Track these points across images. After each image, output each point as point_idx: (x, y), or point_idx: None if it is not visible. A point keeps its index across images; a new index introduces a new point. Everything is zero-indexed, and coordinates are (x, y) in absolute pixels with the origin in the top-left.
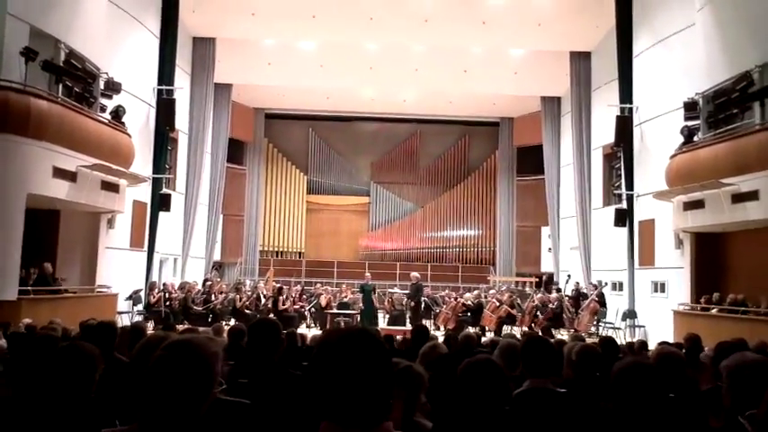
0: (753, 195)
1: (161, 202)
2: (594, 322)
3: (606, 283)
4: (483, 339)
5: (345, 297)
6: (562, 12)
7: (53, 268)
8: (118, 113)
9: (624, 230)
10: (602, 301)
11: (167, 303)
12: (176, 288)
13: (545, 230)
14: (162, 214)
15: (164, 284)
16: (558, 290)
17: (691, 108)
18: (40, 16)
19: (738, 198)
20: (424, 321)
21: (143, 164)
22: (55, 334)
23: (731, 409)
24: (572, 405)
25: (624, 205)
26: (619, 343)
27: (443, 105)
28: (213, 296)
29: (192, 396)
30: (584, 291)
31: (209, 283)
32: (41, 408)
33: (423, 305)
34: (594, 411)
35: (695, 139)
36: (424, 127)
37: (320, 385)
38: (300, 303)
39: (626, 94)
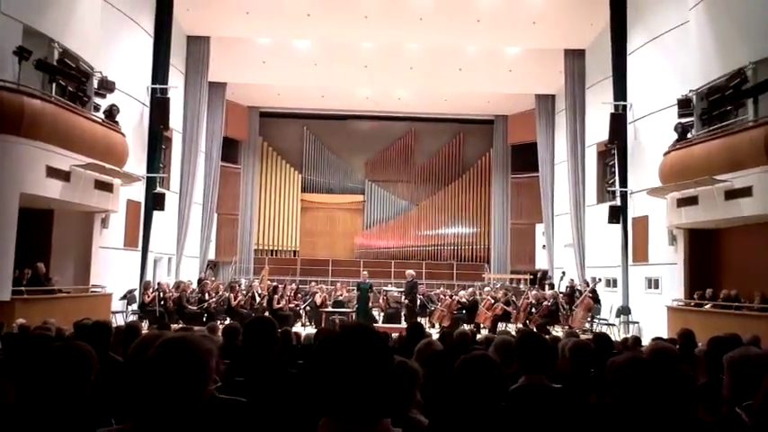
0: (746, 192)
1: (155, 202)
2: (589, 318)
3: (600, 279)
4: (478, 336)
5: (341, 295)
6: (556, 9)
7: (47, 268)
8: (112, 113)
9: (618, 227)
10: (595, 297)
11: (162, 303)
12: (171, 287)
13: (539, 228)
14: (156, 213)
15: (158, 284)
16: (552, 286)
17: (684, 105)
18: (33, 15)
19: (732, 194)
20: (419, 319)
21: (137, 163)
22: (49, 334)
23: (730, 401)
24: (567, 401)
25: (618, 202)
26: (613, 339)
27: (438, 103)
28: (208, 295)
29: (187, 393)
30: (579, 288)
31: (204, 282)
32: (37, 408)
33: (418, 303)
34: (591, 406)
35: (689, 135)
36: (418, 125)
37: (322, 382)
38: (295, 302)
39: (620, 91)
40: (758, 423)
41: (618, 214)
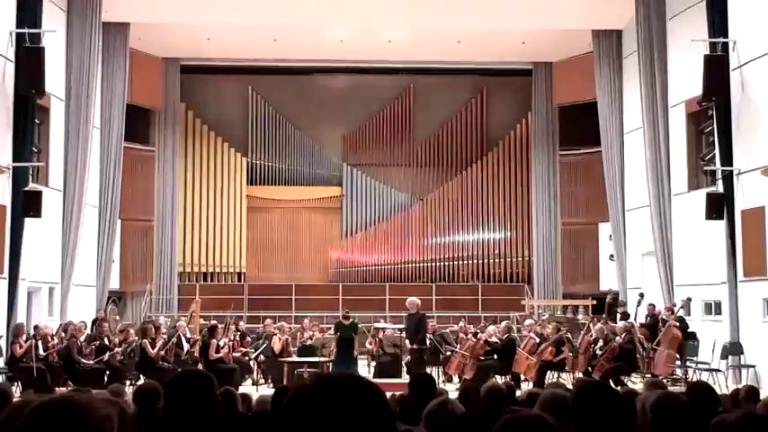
0: None
1: (27, 204)
2: (677, 360)
3: (690, 299)
4: (517, 393)
5: (310, 338)
6: None
7: None
8: None
9: (721, 225)
10: (684, 327)
11: (41, 355)
12: (55, 332)
13: (604, 229)
14: (29, 222)
15: (35, 327)
16: (626, 316)
17: None
18: None
19: None
20: (428, 369)
21: None
22: None
23: None
24: None
25: (720, 188)
26: (717, 391)
27: (448, 47)
28: (110, 342)
29: None
30: (664, 316)
31: (105, 323)
32: None
33: (427, 346)
34: None
35: None
36: (419, 80)
37: None
38: (243, 349)
39: (718, 23)
40: None
41: (720, 206)
